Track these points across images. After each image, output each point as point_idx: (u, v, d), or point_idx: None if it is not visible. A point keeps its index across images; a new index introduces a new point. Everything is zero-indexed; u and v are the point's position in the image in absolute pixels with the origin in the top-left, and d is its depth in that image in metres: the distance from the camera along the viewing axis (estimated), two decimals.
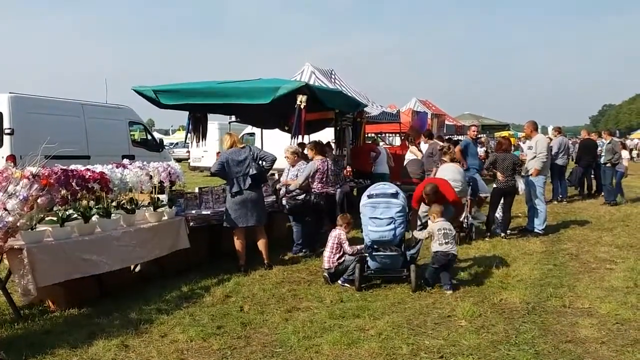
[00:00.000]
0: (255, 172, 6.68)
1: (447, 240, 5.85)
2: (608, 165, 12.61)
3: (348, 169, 11.16)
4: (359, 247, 6.22)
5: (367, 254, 6.08)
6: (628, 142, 36.95)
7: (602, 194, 13.31)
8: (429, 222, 6.32)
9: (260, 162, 6.81)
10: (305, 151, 8.58)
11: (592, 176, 14.68)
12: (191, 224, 6.62)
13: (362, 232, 6.24)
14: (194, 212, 6.95)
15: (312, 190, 7.66)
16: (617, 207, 12.10)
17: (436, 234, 5.92)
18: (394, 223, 5.90)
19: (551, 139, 13.04)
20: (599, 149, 14.09)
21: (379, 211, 5.96)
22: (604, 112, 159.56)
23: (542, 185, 9.13)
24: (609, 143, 12.88)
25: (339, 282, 6.06)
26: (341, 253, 6.18)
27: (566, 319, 4.95)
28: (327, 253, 6.21)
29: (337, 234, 6.25)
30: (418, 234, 6.42)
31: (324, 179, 7.72)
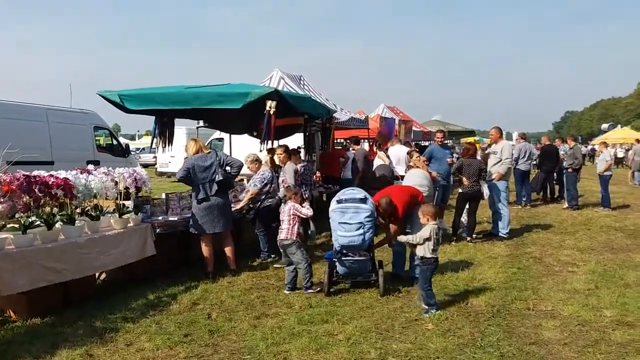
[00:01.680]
0: (221, 178, 6.65)
1: (436, 248, 5.42)
2: (570, 170, 12.95)
3: (317, 175, 11.18)
4: (307, 210, 6.26)
5: (334, 256, 6.10)
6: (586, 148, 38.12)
7: (565, 198, 13.66)
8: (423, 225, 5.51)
9: (227, 168, 6.78)
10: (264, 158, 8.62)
11: (555, 181, 15.05)
12: (158, 230, 6.53)
13: (331, 237, 6.26)
14: (160, 218, 6.86)
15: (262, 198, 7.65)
16: (579, 212, 12.43)
17: (434, 238, 5.35)
18: (363, 228, 5.91)
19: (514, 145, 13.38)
20: (562, 154, 14.44)
21: (348, 216, 5.95)
22: (566, 118, 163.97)
23: (505, 189, 9.34)
24: (570, 149, 13.23)
25: (304, 292, 6.01)
26: (299, 223, 6.25)
27: (530, 321, 5.06)
28: (285, 225, 6.16)
29: (291, 205, 6.23)
30: (406, 238, 5.63)
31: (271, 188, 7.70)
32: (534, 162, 15.59)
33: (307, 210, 6.25)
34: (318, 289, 5.98)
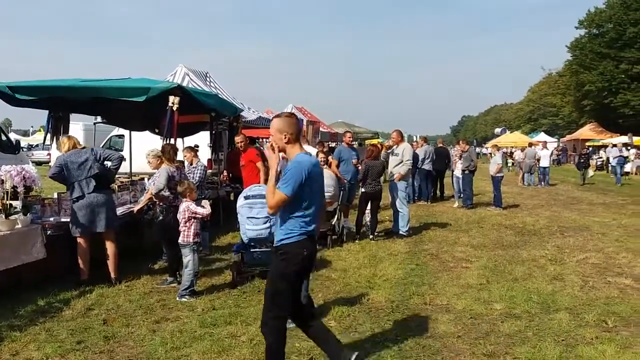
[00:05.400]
0: (97, 171, 6.27)
1: None
2: (466, 172, 13.68)
3: (224, 174, 11.01)
4: (209, 207, 6.00)
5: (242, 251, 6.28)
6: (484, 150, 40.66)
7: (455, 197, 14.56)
8: None
9: (106, 163, 6.44)
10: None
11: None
12: (49, 232, 6.12)
13: (239, 231, 6.33)
14: (52, 219, 6.44)
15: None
16: (472, 210, 13.17)
17: None
18: (270, 222, 6.16)
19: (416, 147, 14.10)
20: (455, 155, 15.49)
21: (255, 211, 6.17)
22: (463, 122, 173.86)
23: (405, 189, 9.70)
24: (465, 152, 13.96)
25: (178, 297, 5.76)
26: (197, 223, 5.93)
27: (427, 316, 5.28)
28: (182, 228, 5.89)
29: (186, 205, 5.91)
30: None
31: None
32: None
33: (204, 210, 5.94)
34: (192, 299, 5.75)
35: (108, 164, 6.47)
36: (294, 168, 3.53)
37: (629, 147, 31.07)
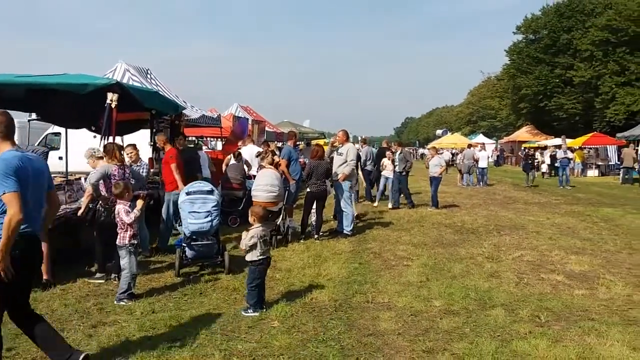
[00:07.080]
0: None
1: (264, 249, 5.47)
2: (403, 173, 13.90)
3: None
4: (136, 211, 5.74)
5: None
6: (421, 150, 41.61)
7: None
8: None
9: None
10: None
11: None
12: None
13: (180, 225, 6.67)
14: None
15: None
16: (414, 210, 13.41)
17: (260, 242, 5.39)
18: (211, 216, 6.75)
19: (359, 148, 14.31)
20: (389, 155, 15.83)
21: (197, 206, 6.74)
22: (406, 124, 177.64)
23: (349, 189, 9.79)
24: (400, 153, 14.14)
25: (116, 301, 5.60)
26: (133, 227, 5.76)
27: (369, 314, 5.35)
28: (119, 230, 5.73)
29: (117, 209, 5.74)
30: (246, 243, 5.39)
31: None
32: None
33: (127, 218, 5.67)
34: (130, 302, 5.58)
35: None
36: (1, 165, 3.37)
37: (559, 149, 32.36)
